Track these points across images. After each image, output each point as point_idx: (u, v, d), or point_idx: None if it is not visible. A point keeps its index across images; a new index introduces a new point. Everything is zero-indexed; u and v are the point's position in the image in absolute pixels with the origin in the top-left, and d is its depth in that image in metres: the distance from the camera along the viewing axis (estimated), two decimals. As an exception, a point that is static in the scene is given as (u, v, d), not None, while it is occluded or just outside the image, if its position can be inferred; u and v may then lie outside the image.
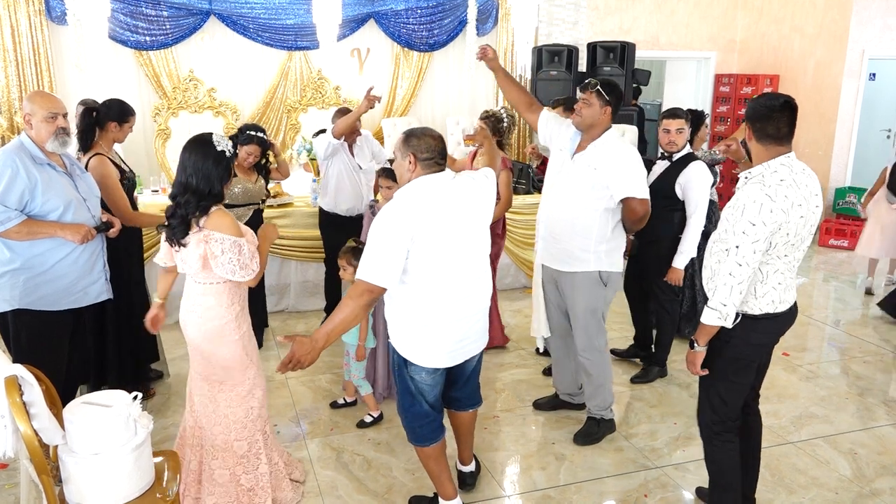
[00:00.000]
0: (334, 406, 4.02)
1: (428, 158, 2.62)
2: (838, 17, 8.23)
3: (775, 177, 2.52)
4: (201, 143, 2.75)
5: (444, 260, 2.60)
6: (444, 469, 2.94)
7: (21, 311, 3.13)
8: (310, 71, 7.81)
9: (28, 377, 2.21)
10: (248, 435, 2.97)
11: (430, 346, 2.70)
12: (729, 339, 2.68)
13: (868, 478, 3.45)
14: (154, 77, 7.31)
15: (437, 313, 2.65)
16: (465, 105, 8.50)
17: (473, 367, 2.98)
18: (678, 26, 9.07)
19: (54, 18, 6.86)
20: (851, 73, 8.28)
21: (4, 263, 3.08)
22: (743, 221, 2.49)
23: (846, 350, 5.08)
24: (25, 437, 2.18)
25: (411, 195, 2.58)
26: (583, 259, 3.48)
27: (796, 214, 2.52)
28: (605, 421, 3.74)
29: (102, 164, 3.66)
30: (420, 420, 2.85)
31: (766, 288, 2.60)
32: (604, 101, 3.35)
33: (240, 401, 2.94)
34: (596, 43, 7.74)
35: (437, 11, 8.05)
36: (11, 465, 3.34)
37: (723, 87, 9.40)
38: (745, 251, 2.49)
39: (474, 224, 2.71)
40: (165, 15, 7.15)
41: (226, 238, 2.67)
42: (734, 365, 2.72)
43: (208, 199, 2.70)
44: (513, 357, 4.79)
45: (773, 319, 2.65)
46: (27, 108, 3.08)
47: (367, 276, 2.51)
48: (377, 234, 2.52)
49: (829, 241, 7.98)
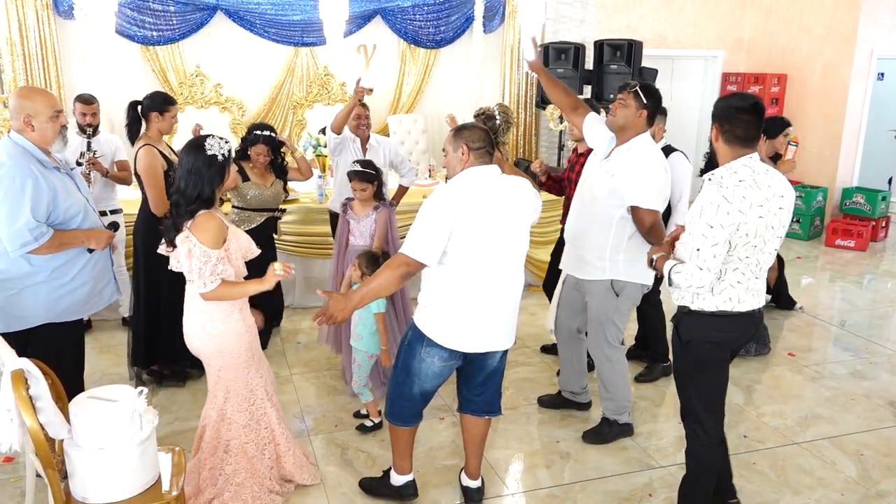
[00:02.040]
0: (361, 430, 3.78)
1: (480, 148, 2.74)
2: (846, 16, 8.19)
3: (734, 177, 2.52)
4: (193, 146, 2.78)
5: (482, 247, 2.68)
6: (409, 445, 3.07)
7: (46, 326, 2.98)
8: (316, 67, 7.81)
9: (34, 371, 2.21)
10: (254, 437, 3.01)
11: (455, 326, 2.75)
12: (689, 340, 2.70)
13: (874, 479, 3.44)
14: (160, 72, 7.32)
15: (467, 297, 2.72)
16: (471, 102, 8.47)
17: (495, 368, 2.95)
18: (686, 25, 9.04)
19: (61, 13, 6.88)
20: (859, 73, 8.24)
21: (23, 278, 2.90)
22: (701, 224, 2.49)
23: (852, 351, 5.06)
24: (31, 431, 2.19)
25: (463, 182, 2.71)
26: (597, 266, 3.45)
27: (755, 215, 2.50)
28: (620, 424, 3.72)
29: (149, 154, 3.75)
30: (403, 400, 2.92)
31: (723, 285, 2.60)
32: (640, 103, 3.30)
33: (244, 403, 2.97)
34: (603, 41, 7.72)
35: (443, 8, 8.04)
36: (17, 459, 3.34)
37: (730, 85, 9.35)
38: (706, 255, 2.49)
39: (515, 222, 2.78)
40: (172, 10, 7.16)
41: (198, 245, 2.70)
42: (699, 364, 2.73)
43: (196, 203, 2.72)
44: (517, 355, 4.78)
45: (730, 318, 2.64)
46: (26, 107, 2.83)
47: (409, 250, 2.63)
48: (426, 212, 2.65)
49: (835, 242, 7.95)
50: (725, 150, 2.58)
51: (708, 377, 2.75)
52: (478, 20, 8.02)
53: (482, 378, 2.95)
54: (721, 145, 2.59)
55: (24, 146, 2.85)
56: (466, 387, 3.00)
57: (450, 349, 2.77)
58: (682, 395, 2.86)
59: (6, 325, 2.92)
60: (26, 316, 2.95)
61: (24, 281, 2.91)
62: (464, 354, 2.82)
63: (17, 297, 2.92)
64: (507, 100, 8.51)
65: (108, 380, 4.19)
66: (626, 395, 3.70)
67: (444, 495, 3.24)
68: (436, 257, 2.63)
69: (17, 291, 2.92)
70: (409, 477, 3.11)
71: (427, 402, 2.98)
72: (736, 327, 2.68)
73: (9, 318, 2.93)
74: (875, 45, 8.20)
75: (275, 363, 4.46)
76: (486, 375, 2.95)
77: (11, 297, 2.92)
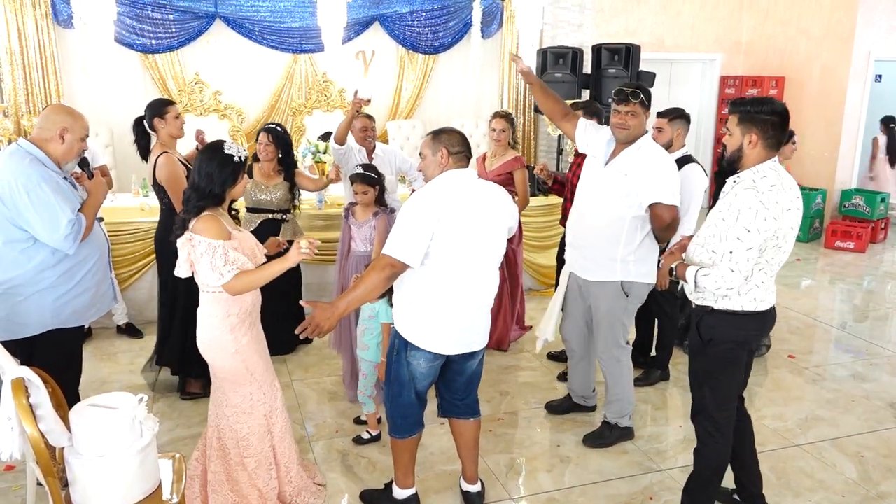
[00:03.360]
0: (358, 441, 3.72)
1: (459, 152, 2.78)
2: (844, 18, 8.21)
3: (765, 182, 2.55)
4: (212, 146, 2.85)
5: (461, 249, 2.71)
6: (411, 461, 3.05)
7: (51, 333, 3.00)
8: (315, 74, 7.84)
9: (35, 379, 2.21)
10: (254, 452, 2.95)
11: (436, 330, 2.77)
12: (711, 338, 2.72)
13: (874, 481, 3.43)
14: (160, 80, 7.34)
15: (446, 299, 2.74)
16: (469, 107, 8.51)
17: (474, 370, 2.98)
18: (683, 28, 9.06)
19: (61, 22, 6.90)
20: (857, 75, 8.26)
21: (30, 285, 2.92)
22: (738, 227, 2.51)
23: (853, 352, 5.06)
24: (32, 439, 2.19)
25: (443, 183, 2.74)
26: (608, 268, 3.45)
27: (786, 219, 2.55)
28: (621, 428, 3.73)
29: (169, 161, 3.80)
30: (403, 411, 2.92)
31: (749, 285, 2.63)
32: (645, 107, 3.33)
33: (242, 416, 2.92)
34: (601, 45, 7.73)
35: (441, 14, 8.06)
36: (18, 467, 3.34)
37: (728, 88, 9.38)
38: (739, 257, 2.52)
39: (492, 224, 2.81)
40: (171, 18, 7.19)
41: (203, 241, 2.68)
42: (719, 363, 2.76)
43: (206, 198, 2.73)
44: (518, 360, 4.79)
45: (753, 317, 2.68)
46: (66, 122, 2.92)
47: (392, 251, 2.63)
48: (408, 213, 2.66)
49: (835, 244, 7.96)
50: (760, 156, 2.59)
51: (727, 376, 2.78)
52: (476, 26, 8.03)
53: (464, 381, 2.97)
54: (759, 151, 2.59)
55: (34, 154, 2.90)
56: (448, 390, 3.01)
57: (433, 352, 2.79)
58: (695, 395, 2.88)
59: (12, 333, 2.93)
60: (33, 323, 2.96)
61: (31, 287, 2.93)
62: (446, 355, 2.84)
63: (24, 303, 2.94)
64: (505, 105, 8.53)
65: (109, 387, 4.21)
66: (631, 398, 3.71)
67: (445, 500, 3.24)
68: (419, 258, 2.64)
69: (24, 298, 2.94)
70: (412, 491, 3.08)
71: (425, 405, 2.99)
72: (757, 325, 2.73)
73: (14, 325, 2.95)
74: (872, 47, 8.22)
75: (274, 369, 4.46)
76: (468, 378, 2.98)
77: (19, 303, 2.94)
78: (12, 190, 2.80)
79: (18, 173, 2.81)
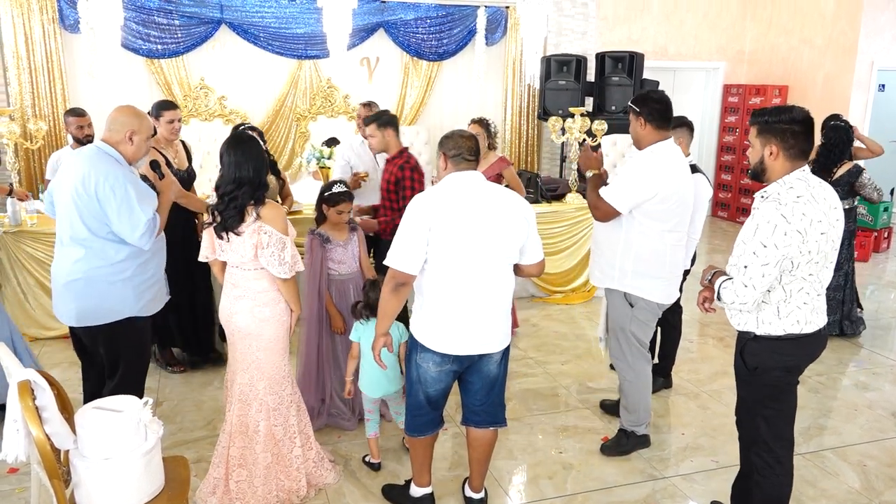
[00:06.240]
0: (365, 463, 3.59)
1: (455, 155, 2.79)
2: (847, 28, 8.23)
3: (791, 193, 2.42)
4: (245, 138, 3.03)
5: (460, 251, 2.70)
6: (427, 458, 3.09)
7: (131, 320, 3.13)
8: (319, 79, 7.87)
9: (41, 382, 2.23)
10: (282, 420, 3.14)
11: (440, 330, 2.79)
12: (756, 367, 2.60)
13: (877, 490, 3.43)
14: (165, 85, 7.38)
15: (449, 301, 2.76)
16: (473, 114, 8.44)
17: (494, 375, 2.94)
18: (687, 37, 9.09)
19: (67, 27, 6.95)
20: (860, 85, 8.28)
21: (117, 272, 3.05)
22: (754, 242, 2.42)
23: (855, 362, 5.05)
24: (37, 442, 2.20)
25: (439, 189, 2.78)
26: (609, 275, 3.50)
27: (816, 231, 2.40)
28: (637, 436, 3.71)
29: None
30: (414, 410, 2.97)
31: (789, 307, 2.50)
32: (636, 113, 3.36)
33: (276, 387, 3.11)
34: (604, 53, 7.77)
35: (446, 21, 8.10)
36: (23, 470, 3.35)
37: (731, 97, 9.40)
38: (753, 273, 2.42)
39: (497, 227, 2.74)
40: (177, 24, 7.23)
41: (274, 233, 2.89)
42: (770, 391, 2.62)
43: (261, 189, 2.91)
44: (520, 366, 4.79)
45: (798, 341, 2.54)
46: (133, 124, 3.05)
47: (391, 262, 2.71)
48: (403, 222, 2.73)
49: (837, 252, 7.95)
50: (785, 167, 2.48)
51: (781, 404, 2.64)
52: (480, 33, 8.09)
53: (481, 385, 2.95)
54: (781, 162, 2.48)
55: (113, 156, 3.04)
56: (467, 395, 3.01)
57: (440, 353, 2.80)
58: (748, 425, 2.74)
59: (100, 318, 3.08)
60: (121, 308, 3.10)
61: (117, 276, 3.07)
62: (458, 359, 2.83)
63: (112, 290, 3.08)
64: (509, 111, 8.56)
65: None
66: (647, 408, 3.69)
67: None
68: (417, 265, 2.69)
69: (111, 285, 3.08)
70: (427, 490, 3.13)
71: (437, 411, 2.98)
72: (805, 350, 2.59)
73: (103, 311, 3.08)
74: (876, 57, 8.23)
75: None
76: (486, 383, 2.94)
77: (108, 290, 3.07)
78: (102, 188, 2.93)
79: (108, 173, 2.95)
